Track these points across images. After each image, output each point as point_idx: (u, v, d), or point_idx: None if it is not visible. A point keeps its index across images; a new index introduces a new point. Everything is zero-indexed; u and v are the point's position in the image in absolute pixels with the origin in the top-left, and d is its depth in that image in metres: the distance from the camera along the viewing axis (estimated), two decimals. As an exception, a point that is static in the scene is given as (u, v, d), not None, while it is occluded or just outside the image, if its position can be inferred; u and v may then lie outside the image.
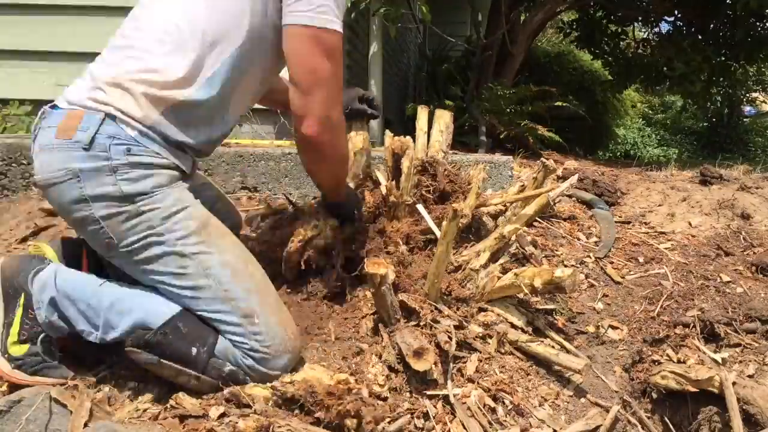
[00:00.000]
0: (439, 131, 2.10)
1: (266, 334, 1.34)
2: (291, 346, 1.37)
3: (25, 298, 1.36)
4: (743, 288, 1.96)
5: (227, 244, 1.39)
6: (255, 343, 1.33)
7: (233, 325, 1.33)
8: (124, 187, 1.28)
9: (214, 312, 1.33)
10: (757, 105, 14.28)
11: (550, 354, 1.58)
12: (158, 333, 1.31)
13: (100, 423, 1.18)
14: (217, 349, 1.33)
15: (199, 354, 1.31)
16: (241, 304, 1.34)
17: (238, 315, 1.33)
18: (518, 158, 3.65)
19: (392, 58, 5.79)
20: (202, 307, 1.33)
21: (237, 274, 1.35)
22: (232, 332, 1.33)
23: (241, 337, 1.33)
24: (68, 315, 1.35)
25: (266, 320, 1.35)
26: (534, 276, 1.57)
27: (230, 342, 1.34)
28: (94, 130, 1.27)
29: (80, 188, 1.27)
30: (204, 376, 1.32)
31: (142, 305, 1.33)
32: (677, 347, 1.74)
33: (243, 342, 1.33)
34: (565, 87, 6.24)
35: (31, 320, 1.35)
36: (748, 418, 1.46)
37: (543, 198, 2.06)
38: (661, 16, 5.75)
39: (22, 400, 1.22)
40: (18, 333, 1.34)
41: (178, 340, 1.31)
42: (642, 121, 14.23)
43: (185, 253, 1.32)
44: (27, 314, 1.35)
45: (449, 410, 1.39)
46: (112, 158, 1.27)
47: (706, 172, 2.87)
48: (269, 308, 1.37)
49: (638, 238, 2.28)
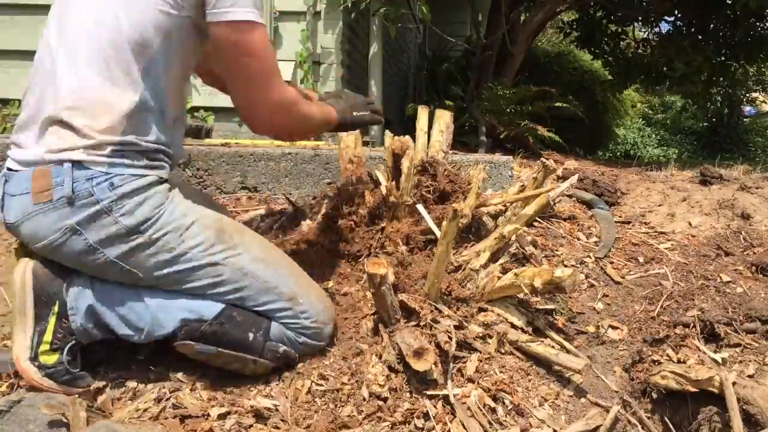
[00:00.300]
0: (440, 131, 2.10)
1: (312, 310, 1.45)
2: (331, 315, 1.52)
3: (59, 306, 1.33)
4: (743, 288, 1.96)
5: (248, 238, 1.43)
6: (305, 320, 1.43)
7: (282, 310, 1.42)
8: (125, 221, 1.27)
9: (261, 305, 1.41)
10: (757, 105, 14.29)
11: (550, 354, 1.58)
12: (214, 323, 1.35)
13: (100, 423, 1.18)
14: (272, 332, 1.42)
15: (256, 339, 1.39)
16: (283, 289, 1.42)
17: (284, 300, 1.42)
18: (518, 158, 3.65)
19: (392, 58, 5.79)
20: (249, 304, 1.40)
21: (269, 263, 1.42)
22: (283, 316, 1.42)
23: (292, 318, 1.42)
24: (108, 321, 1.35)
25: (308, 298, 1.45)
26: (534, 276, 1.57)
27: (283, 325, 1.42)
28: (70, 179, 1.23)
29: (84, 240, 1.26)
30: (261, 359, 1.40)
31: (190, 301, 1.36)
32: (677, 347, 1.74)
33: (295, 322, 1.43)
34: (565, 87, 6.24)
35: (65, 329, 1.34)
36: (748, 418, 1.46)
37: (543, 198, 2.06)
38: (661, 16, 5.75)
39: (22, 400, 1.22)
40: (51, 342, 1.32)
41: (234, 328, 1.37)
42: (642, 121, 14.23)
43: (215, 261, 1.35)
44: (61, 323, 1.33)
45: (449, 410, 1.39)
46: (101, 200, 1.25)
47: (706, 172, 2.87)
48: (306, 286, 1.48)
49: (638, 238, 2.28)
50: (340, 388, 1.40)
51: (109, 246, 1.27)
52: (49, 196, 1.24)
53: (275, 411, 1.32)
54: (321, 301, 1.49)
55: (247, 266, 1.38)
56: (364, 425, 1.33)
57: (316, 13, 3.80)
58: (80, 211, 1.24)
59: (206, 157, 2.61)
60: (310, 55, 3.77)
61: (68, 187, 1.23)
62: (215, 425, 1.25)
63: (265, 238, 1.55)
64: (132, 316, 1.35)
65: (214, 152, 2.63)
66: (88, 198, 1.24)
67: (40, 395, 1.27)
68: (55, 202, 1.24)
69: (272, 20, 3.73)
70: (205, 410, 1.29)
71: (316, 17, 3.81)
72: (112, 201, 1.25)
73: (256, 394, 1.39)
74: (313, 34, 3.81)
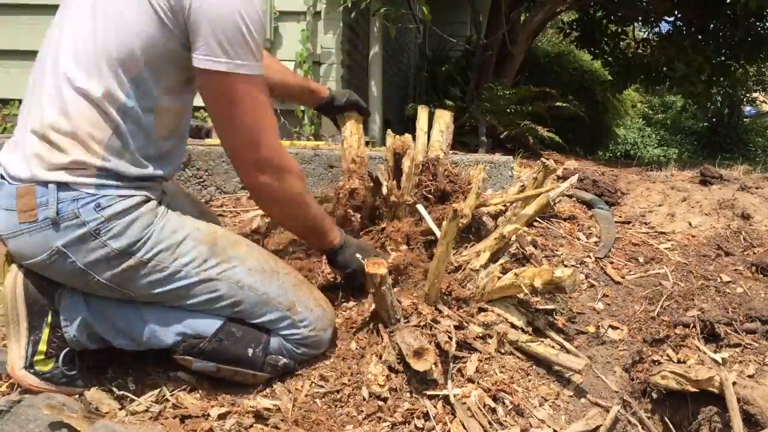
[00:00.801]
0: (440, 131, 2.10)
1: (310, 317, 1.42)
2: (330, 319, 1.49)
3: (52, 317, 1.31)
4: (743, 288, 1.96)
5: (242, 250, 1.39)
6: (304, 329, 1.41)
7: (281, 320, 1.40)
8: (114, 244, 1.22)
9: (259, 317, 1.39)
10: (757, 105, 14.29)
11: (550, 354, 1.58)
12: (213, 340, 1.34)
13: (99, 423, 1.18)
14: (272, 346, 1.40)
15: (256, 354, 1.38)
16: (281, 300, 1.40)
17: (282, 310, 1.40)
18: (518, 158, 3.65)
19: (392, 59, 5.79)
20: (247, 317, 1.38)
21: (265, 274, 1.39)
22: (282, 327, 1.41)
23: (291, 329, 1.41)
24: (102, 333, 1.32)
25: (306, 304, 1.43)
26: (534, 276, 1.57)
27: (281, 337, 1.41)
28: (55, 200, 1.20)
29: (72, 262, 1.22)
30: (261, 373, 1.39)
31: (188, 315, 1.34)
32: (677, 347, 1.74)
33: (294, 333, 1.41)
34: (565, 87, 6.24)
35: (59, 338, 1.32)
36: (749, 418, 1.46)
37: (543, 198, 2.06)
38: (661, 16, 5.75)
39: (22, 400, 1.22)
40: (45, 351, 1.31)
41: (233, 345, 1.36)
42: (642, 121, 14.23)
43: (210, 277, 1.32)
44: (54, 332, 1.32)
45: (449, 410, 1.39)
46: (87, 222, 1.21)
47: (706, 172, 2.87)
48: (303, 292, 1.45)
49: (638, 238, 2.28)
50: (340, 389, 1.40)
51: (99, 268, 1.24)
52: (34, 216, 1.20)
53: (276, 411, 1.32)
54: (319, 306, 1.46)
55: (243, 279, 1.35)
56: (364, 425, 1.33)
57: (316, 13, 3.80)
58: (66, 233, 1.21)
59: (206, 157, 2.61)
60: (310, 55, 3.77)
61: (53, 207, 1.19)
62: (215, 425, 1.25)
63: (258, 244, 1.52)
64: (128, 329, 1.33)
65: (214, 152, 2.63)
66: (73, 220, 1.20)
67: (41, 395, 1.27)
68: (40, 223, 1.20)
69: (272, 20, 3.73)
70: (205, 410, 1.29)
71: (316, 17, 3.81)
72: (100, 223, 1.21)
73: (256, 394, 1.39)
74: (313, 34, 3.81)
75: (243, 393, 1.39)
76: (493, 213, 2.09)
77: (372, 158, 2.65)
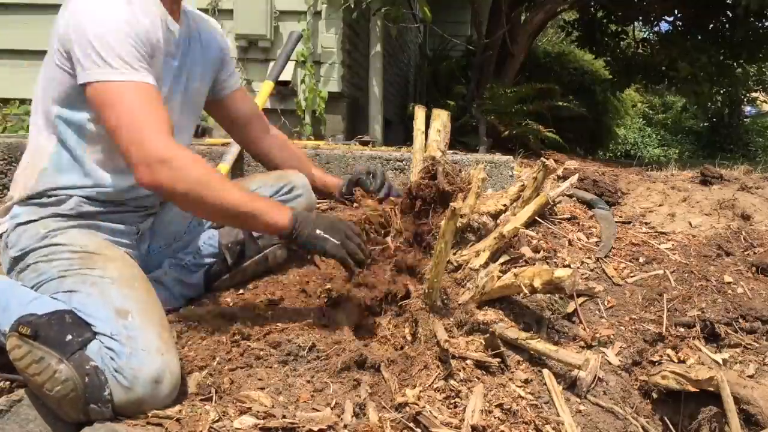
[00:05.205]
0: (437, 131, 2.09)
1: (137, 337, 1.28)
2: (162, 360, 1.27)
3: None
4: (744, 288, 1.95)
5: (111, 266, 1.43)
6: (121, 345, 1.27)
7: (103, 320, 1.30)
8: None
9: (87, 315, 1.31)
10: (757, 105, 14.30)
11: (549, 350, 1.57)
12: (43, 317, 1.26)
13: (99, 423, 1.18)
14: (90, 347, 1.27)
15: (72, 341, 1.25)
16: (116, 304, 1.33)
17: (110, 311, 1.31)
18: (519, 158, 3.65)
19: (393, 58, 5.79)
20: (75, 305, 1.33)
21: (118, 282, 1.39)
22: (102, 330, 1.29)
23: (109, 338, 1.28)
24: None
25: (140, 323, 1.31)
26: (534, 276, 1.57)
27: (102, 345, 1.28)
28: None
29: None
30: (65, 363, 1.21)
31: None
32: (677, 347, 1.74)
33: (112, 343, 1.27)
34: (565, 87, 6.24)
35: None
36: (749, 418, 1.46)
37: (543, 197, 2.05)
38: (661, 15, 5.76)
39: (22, 400, 1.22)
40: None
41: (59, 327, 1.26)
42: (642, 121, 14.24)
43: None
44: None
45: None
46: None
47: (706, 172, 2.86)
48: (147, 316, 1.34)
49: (639, 239, 2.27)
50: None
51: None
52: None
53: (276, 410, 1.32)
54: (156, 335, 1.31)
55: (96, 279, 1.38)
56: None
57: (316, 13, 3.80)
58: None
59: (206, 157, 2.62)
60: (311, 54, 3.77)
61: None
62: (215, 425, 1.24)
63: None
64: None
65: (214, 152, 2.64)
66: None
67: (40, 395, 1.26)
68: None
69: (272, 20, 3.73)
70: (205, 410, 1.29)
71: (316, 17, 3.81)
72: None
73: (257, 394, 1.38)
74: (314, 33, 3.81)
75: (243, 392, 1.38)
76: (493, 213, 2.08)
77: (372, 158, 2.66)
